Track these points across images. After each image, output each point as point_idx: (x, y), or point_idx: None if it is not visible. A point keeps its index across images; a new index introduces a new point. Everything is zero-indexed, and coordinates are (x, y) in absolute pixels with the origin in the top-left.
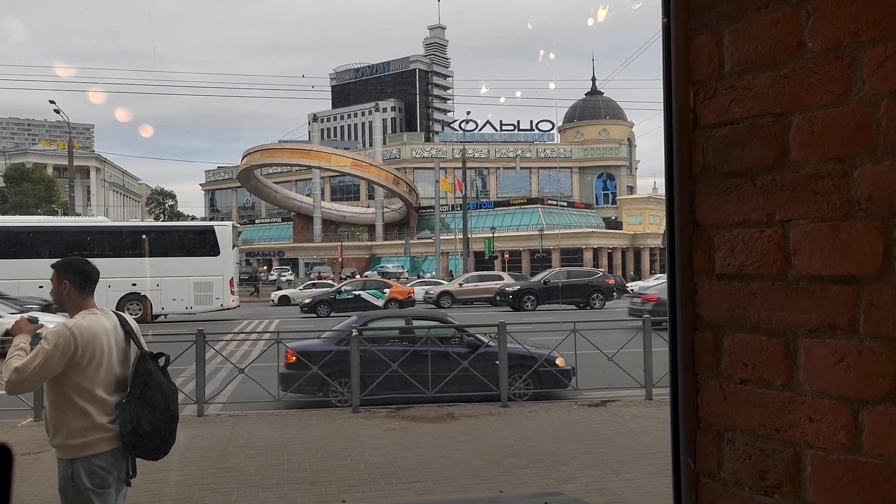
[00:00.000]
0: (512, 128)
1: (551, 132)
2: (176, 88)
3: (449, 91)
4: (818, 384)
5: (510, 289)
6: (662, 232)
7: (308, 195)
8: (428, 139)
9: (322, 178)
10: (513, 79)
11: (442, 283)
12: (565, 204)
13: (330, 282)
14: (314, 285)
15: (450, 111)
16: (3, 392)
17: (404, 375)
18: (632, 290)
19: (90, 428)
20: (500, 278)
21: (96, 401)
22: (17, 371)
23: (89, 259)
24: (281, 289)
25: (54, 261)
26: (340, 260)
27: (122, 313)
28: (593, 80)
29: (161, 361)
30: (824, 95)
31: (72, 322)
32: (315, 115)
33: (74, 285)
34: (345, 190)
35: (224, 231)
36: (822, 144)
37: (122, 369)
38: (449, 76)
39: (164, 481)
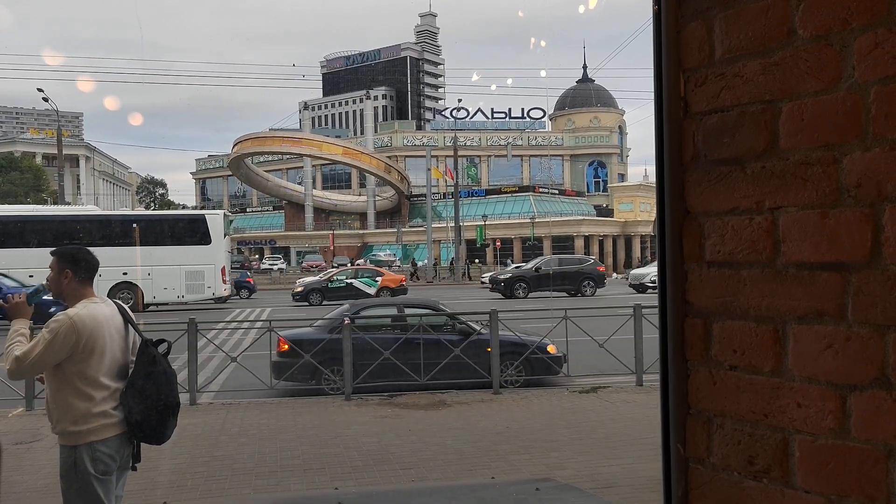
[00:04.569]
0: (503, 116)
1: (542, 120)
2: (167, 77)
3: (440, 79)
4: (806, 370)
5: (502, 276)
6: (653, 219)
7: (299, 183)
8: (419, 127)
9: (313, 166)
10: (504, 67)
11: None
12: (556, 192)
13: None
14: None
15: (441, 99)
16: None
17: (396, 363)
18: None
19: (94, 415)
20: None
21: (101, 387)
22: (18, 360)
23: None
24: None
25: (53, 248)
26: (332, 248)
27: (118, 302)
28: (584, 67)
29: (161, 348)
30: (814, 83)
31: (73, 311)
32: (306, 103)
33: (75, 275)
34: (336, 178)
35: (215, 220)
36: (811, 132)
37: (123, 356)
38: (440, 64)
39: (157, 469)
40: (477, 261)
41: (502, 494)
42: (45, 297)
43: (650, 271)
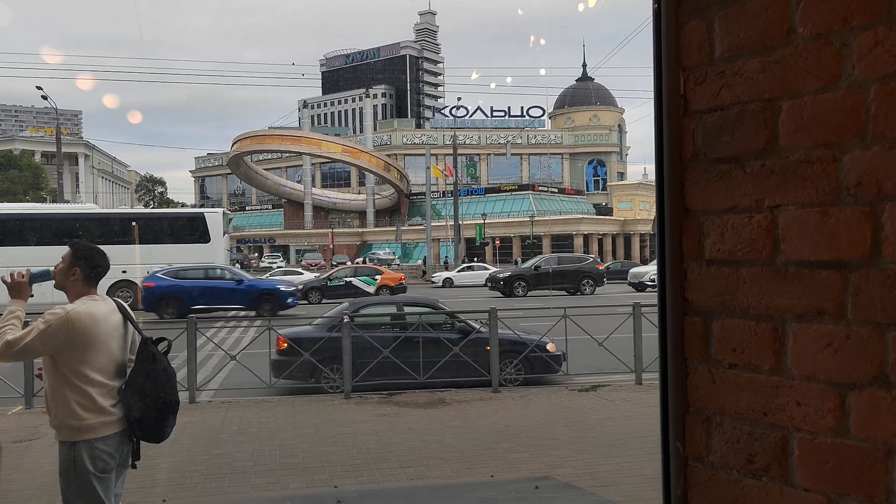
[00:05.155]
0: (503, 114)
1: (542, 118)
2: (166, 75)
3: (439, 77)
4: (806, 368)
5: (501, 275)
6: (652, 218)
7: (298, 182)
8: (419, 125)
9: (312, 164)
10: (503, 65)
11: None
12: (556, 190)
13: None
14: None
15: (440, 97)
16: None
17: (396, 361)
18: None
19: (92, 411)
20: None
21: (98, 385)
22: (8, 344)
23: None
24: None
25: (72, 240)
26: (331, 247)
27: (118, 300)
28: (584, 66)
29: (161, 346)
30: (814, 81)
31: (70, 307)
32: (305, 101)
33: (84, 274)
34: (335, 176)
35: (214, 218)
36: (811, 130)
37: (121, 354)
38: (440, 62)
39: (156, 467)
40: (477, 259)
41: (502, 493)
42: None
43: (649, 269)
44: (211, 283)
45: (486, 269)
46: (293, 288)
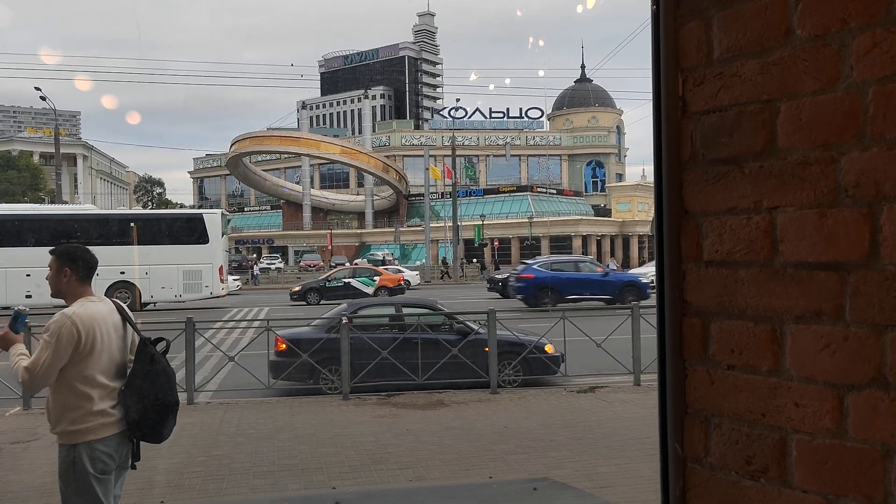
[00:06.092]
0: (501, 115)
1: (540, 120)
2: (164, 76)
3: (438, 78)
4: (804, 370)
5: (499, 276)
6: (651, 219)
7: (297, 183)
8: (417, 126)
9: (311, 165)
10: (502, 67)
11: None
12: (555, 191)
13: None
14: None
15: (439, 98)
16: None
17: (394, 363)
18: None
19: (92, 413)
20: None
21: (99, 386)
22: (28, 370)
23: None
24: None
25: (52, 247)
26: (330, 248)
27: (116, 300)
28: (582, 67)
29: (160, 347)
30: (812, 82)
31: (70, 311)
32: (304, 102)
33: (75, 274)
34: (334, 177)
35: (213, 219)
36: (809, 131)
37: (121, 355)
38: (438, 63)
39: (155, 469)
40: (475, 260)
41: (500, 494)
42: (26, 320)
43: (648, 271)
44: (583, 276)
45: (400, 272)
46: (650, 280)
